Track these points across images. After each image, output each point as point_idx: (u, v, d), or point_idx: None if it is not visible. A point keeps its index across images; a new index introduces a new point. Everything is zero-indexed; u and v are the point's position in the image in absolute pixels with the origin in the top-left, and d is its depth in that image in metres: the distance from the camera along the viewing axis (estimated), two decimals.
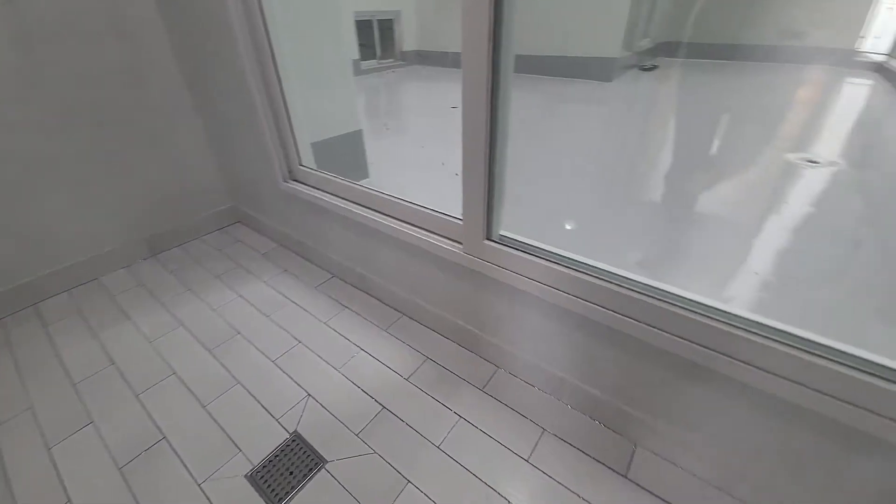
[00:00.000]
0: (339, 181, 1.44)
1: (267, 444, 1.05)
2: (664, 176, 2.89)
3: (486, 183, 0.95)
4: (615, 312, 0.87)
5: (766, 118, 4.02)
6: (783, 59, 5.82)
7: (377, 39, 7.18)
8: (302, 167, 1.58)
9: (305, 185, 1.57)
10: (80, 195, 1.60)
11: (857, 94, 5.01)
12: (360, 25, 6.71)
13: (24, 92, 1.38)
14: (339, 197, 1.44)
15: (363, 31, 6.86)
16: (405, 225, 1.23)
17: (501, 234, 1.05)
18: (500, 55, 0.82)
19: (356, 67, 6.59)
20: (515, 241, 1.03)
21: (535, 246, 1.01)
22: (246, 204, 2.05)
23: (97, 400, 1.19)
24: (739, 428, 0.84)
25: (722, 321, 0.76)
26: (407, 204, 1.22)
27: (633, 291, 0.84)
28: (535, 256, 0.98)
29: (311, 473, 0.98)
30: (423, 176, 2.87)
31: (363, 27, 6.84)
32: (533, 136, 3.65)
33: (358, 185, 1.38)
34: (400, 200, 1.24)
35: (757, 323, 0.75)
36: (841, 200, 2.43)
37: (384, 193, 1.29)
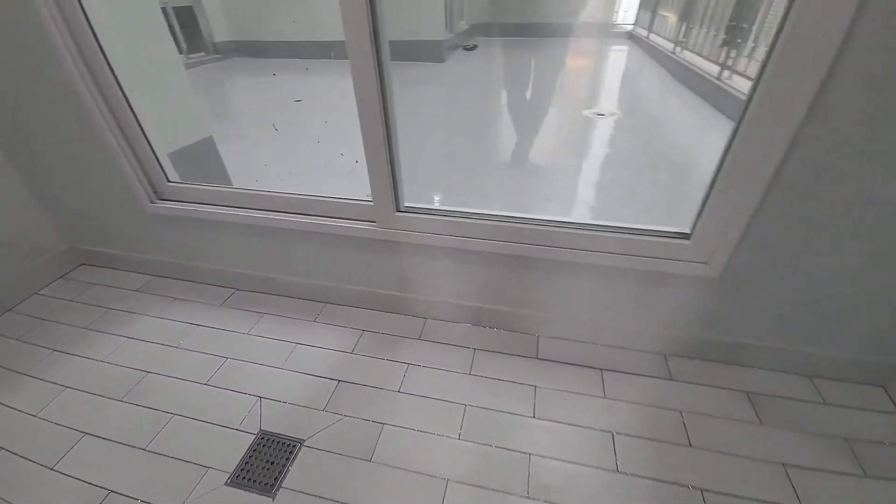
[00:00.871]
0: (231, 190, 1.41)
1: (235, 451, 1.08)
2: (508, 137, 3.46)
3: (388, 163, 1.13)
4: (500, 241, 1.18)
5: (563, 84, 5.03)
6: (565, 33, 7.18)
7: (178, 31, 6.22)
8: (172, 183, 1.47)
9: (182, 201, 1.47)
10: None
11: (618, 58, 6.58)
12: None
13: None
14: (233, 206, 1.41)
15: None
16: (317, 218, 1.32)
17: (406, 205, 1.25)
18: (380, 44, 0.99)
19: None
20: (418, 207, 1.24)
21: (434, 208, 1.24)
22: (90, 242, 1.75)
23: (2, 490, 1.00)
24: (591, 295, 1.25)
25: (565, 227, 1.12)
26: (315, 198, 1.31)
27: (508, 222, 1.16)
28: (436, 216, 1.21)
29: (291, 456, 1.06)
30: (328, 171, 2.81)
31: None
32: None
33: (256, 190, 1.38)
34: (308, 196, 1.32)
35: (584, 224, 1.13)
36: (622, 139, 3.33)
37: (288, 193, 1.34)
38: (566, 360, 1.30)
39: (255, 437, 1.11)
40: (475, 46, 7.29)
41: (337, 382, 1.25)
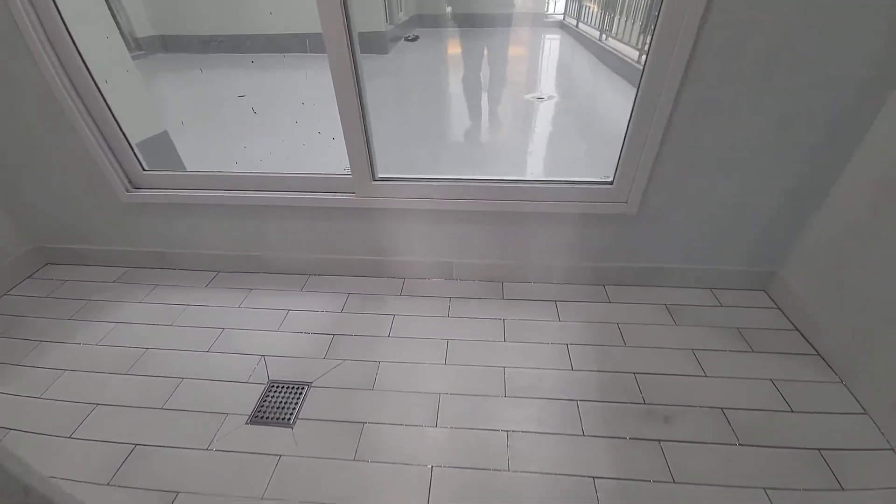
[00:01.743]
0: (210, 174, 1.50)
1: (249, 399, 1.21)
2: (458, 120, 3.69)
3: (364, 137, 1.29)
4: (463, 199, 1.39)
5: (504, 70, 5.34)
6: (501, 23, 7.52)
7: None
8: (148, 171, 1.53)
9: (162, 188, 1.53)
10: None
11: (552, 46, 7.02)
12: None
13: None
14: (213, 189, 1.50)
15: None
16: (300, 194, 1.45)
17: (380, 175, 1.42)
18: (352, 33, 1.15)
19: None
20: (392, 177, 1.42)
21: (405, 176, 1.42)
22: (56, 239, 1.75)
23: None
24: (542, 242, 1.50)
25: (517, 184, 1.36)
26: (295, 175, 1.44)
27: (469, 183, 1.38)
28: (407, 182, 1.40)
29: (302, 396, 1.22)
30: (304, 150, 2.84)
31: None
32: None
33: (236, 172, 1.49)
34: (288, 174, 1.45)
35: (532, 180, 1.38)
36: (562, 119, 3.68)
37: (268, 173, 1.46)
38: (527, 297, 1.55)
39: (265, 386, 1.25)
40: (417, 37, 7.43)
41: (332, 336, 1.41)
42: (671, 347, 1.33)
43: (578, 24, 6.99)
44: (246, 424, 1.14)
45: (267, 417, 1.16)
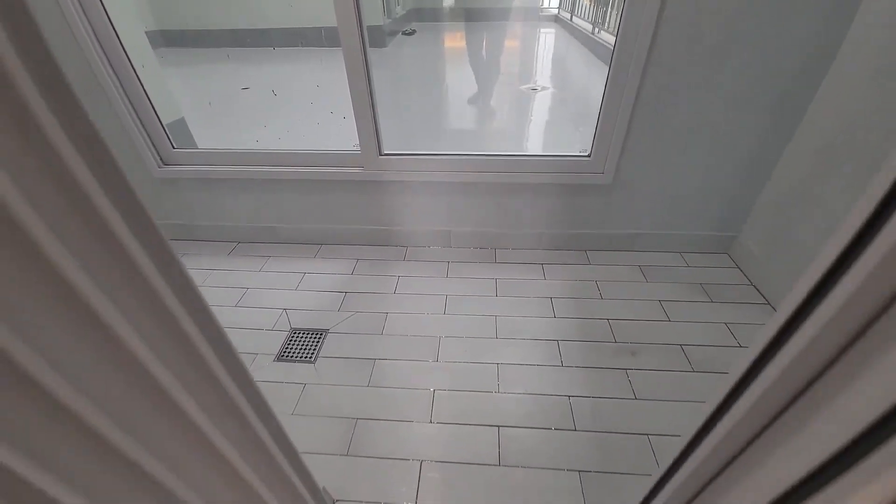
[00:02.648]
0: (234, 151, 1.67)
1: (274, 342, 1.40)
2: (463, 109, 3.86)
3: (372, 116, 1.47)
4: (461, 171, 1.57)
5: (498, 63, 5.49)
6: (497, 17, 7.66)
7: None
8: (177, 149, 1.70)
9: (189, 165, 1.71)
10: None
11: (547, 39, 7.18)
12: None
13: None
14: (236, 165, 1.68)
15: None
16: (313, 168, 1.63)
17: (386, 151, 1.60)
18: (363, 24, 1.33)
19: None
20: (396, 152, 1.60)
21: (409, 151, 1.60)
22: None
23: None
24: (530, 212, 1.69)
25: (508, 157, 1.55)
26: (310, 151, 1.62)
27: (466, 156, 1.56)
28: (411, 156, 1.58)
29: (321, 339, 1.41)
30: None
31: None
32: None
33: (257, 149, 1.66)
34: (304, 150, 1.63)
35: (521, 154, 1.56)
36: (557, 109, 3.85)
37: (287, 149, 1.64)
38: (517, 261, 1.74)
39: (287, 332, 1.44)
40: (414, 31, 7.55)
41: (344, 294, 1.60)
42: (641, 299, 1.52)
43: (572, 17, 7.15)
44: (274, 362, 1.33)
45: (292, 356, 1.35)
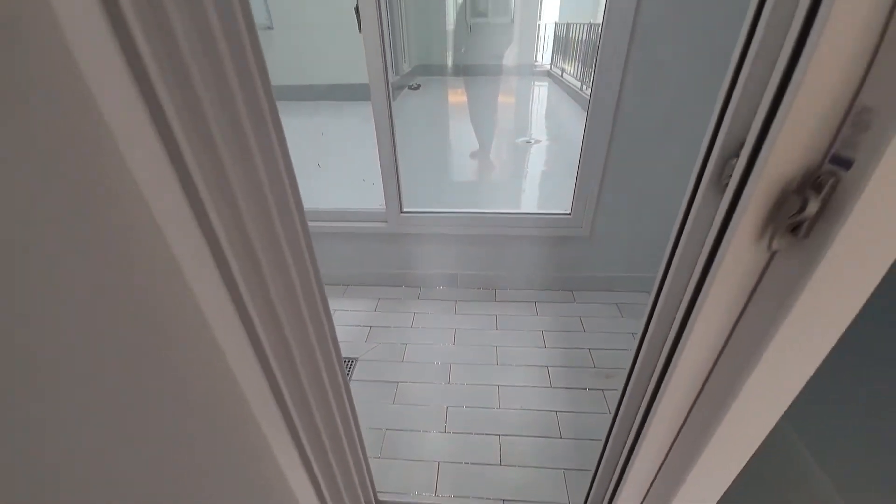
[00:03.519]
0: None
1: None
2: (465, 161, 4.31)
3: (395, 177, 1.85)
4: (467, 226, 1.93)
5: (496, 116, 6.08)
6: (494, 72, 8.43)
7: None
8: None
9: None
10: None
11: (540, 93, 7.88)
12: None
13: None
14: None
15: None
16: (343, 223, 2.00)
17: (406, 209, 1.97)
18: (390, 85, 1.72)
19: None
20: (415, 210, 1.97)
21: (424, 210, 1.97)
22: None
23: None
24: (524, 259, 2.03)
25: (506, 214, 1.91)
26: (344, 210, 1.99)
27: (471, 214, 1.92)
28: (426, 214, 1.94)
29: (352, 366, 1.70)
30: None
31: None
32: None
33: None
34: (339, 209, 2.00)
35: (516, 212, 1.93)
36: (552, 160, 4.31)
37: (325, 208, 2.01)
38: (513, 300, 2.06)
39: None
40: (419, 86, 8.27)
41: (370, 327, 1.91)
42: (617, 332, 1.83)
43: (563, 73, 7.88)
44: None
45: None
